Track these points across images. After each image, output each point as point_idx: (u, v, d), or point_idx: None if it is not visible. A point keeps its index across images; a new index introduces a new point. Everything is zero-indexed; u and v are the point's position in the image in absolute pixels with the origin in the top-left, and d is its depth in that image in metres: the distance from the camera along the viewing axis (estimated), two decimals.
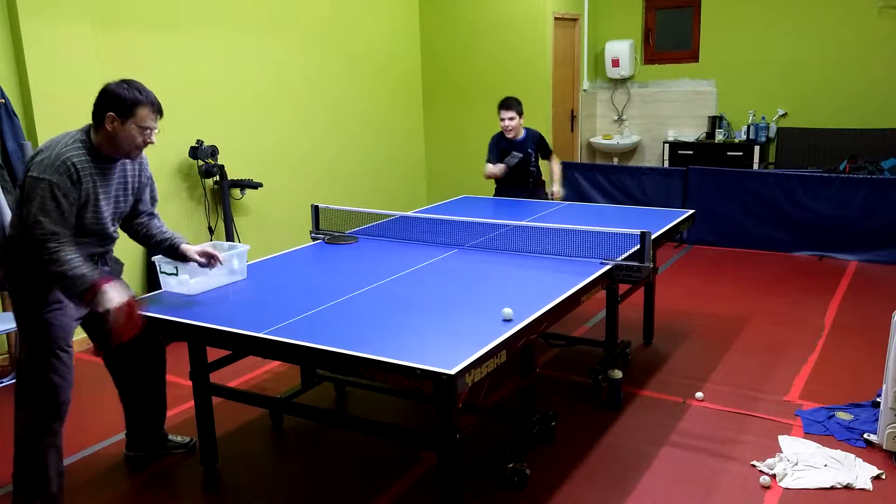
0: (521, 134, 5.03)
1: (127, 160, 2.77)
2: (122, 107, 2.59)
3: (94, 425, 3.65)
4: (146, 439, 3.26)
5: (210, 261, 2.96)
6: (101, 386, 4.14)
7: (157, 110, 2.67)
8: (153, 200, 3.03)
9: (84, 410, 3.83)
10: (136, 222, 2.98)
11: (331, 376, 3.76)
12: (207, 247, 3.03)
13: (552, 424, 3.31)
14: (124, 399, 3.20)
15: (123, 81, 2.64)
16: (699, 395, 3.72)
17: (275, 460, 3.30)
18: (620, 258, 3.30)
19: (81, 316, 2.83)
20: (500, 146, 5.08)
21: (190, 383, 3.16)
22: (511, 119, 4.94)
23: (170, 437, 3.33)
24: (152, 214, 3.02)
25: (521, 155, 4.95)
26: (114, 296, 2.56)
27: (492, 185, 5.07)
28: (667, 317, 4.81)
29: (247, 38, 5.58)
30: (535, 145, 5.10)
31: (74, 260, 2.57)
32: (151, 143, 2.68)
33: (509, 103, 4.97)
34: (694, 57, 7.76)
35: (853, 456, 3.08)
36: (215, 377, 3.20)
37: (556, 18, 7.15)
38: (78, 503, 2.98)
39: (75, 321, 2.82)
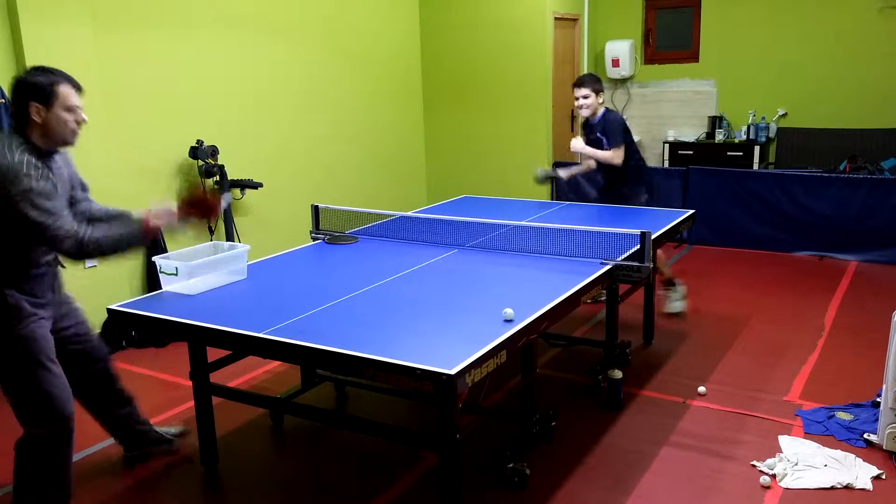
0: (599, 113, 4.57)
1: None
2: (41, 93, 2.49)
3: (94, 425, 3.64)
4: (128, 438, 3.20)
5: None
6: None
7: (77, 86, 2.58)
8: (84, 185, 2.90)
9: (84, 410, 3.82)
10: (78, 210, 2.82)
11: (331, 376, 3.76)
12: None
13: (552, 424, 3.30)
14: (87, 406, 3.10)
15: (33, 69, 2.55)
16: (702, 389, 3.72)
17: (275, 460, 3.30)
18: (620, 258, 3.30)
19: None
20: (583, 126, 4.73)
21: (190, 383, 3.16)
22: (585, 97, 4.49)
23: (157, 429, 3.28)
24: (88, 199, 2.90)
25: (545, 171, 4.82)
26: (162, 214, 2.67)
27: (490, 183, 5.02)
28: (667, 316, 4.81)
29: (247, 38, 5.58)
30: (604, 132, 4.53)
31: (107, 227, 2.56)
32: (84, 120, 2.61)
33: (582, 80, 4.52)
34: (694, 57, 7.76)
35: (853, 456, 3.08)
36: (215, 377, 3.20)
37: (556, 18, 7.15)
38: (78, 503, 2.98)
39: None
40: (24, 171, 2.41)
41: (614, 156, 4.56)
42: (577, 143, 4.70)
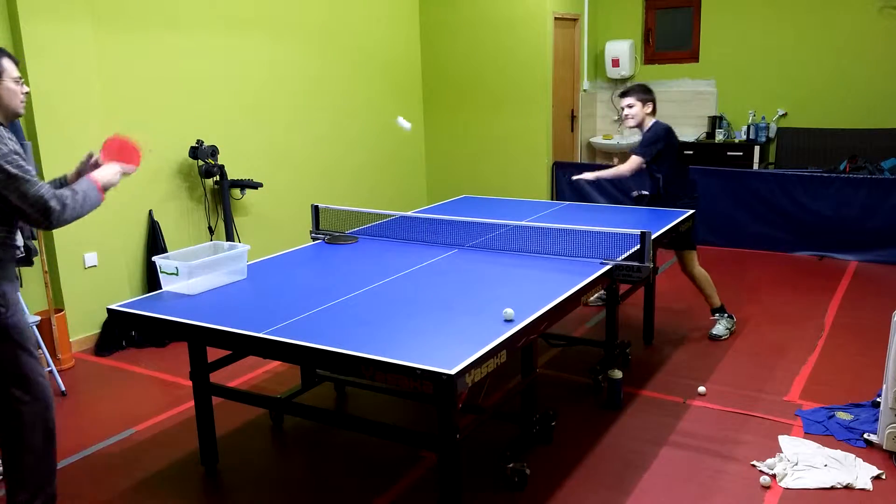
0: (648, 125, 4.39)
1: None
2: None
3: (94, 425, 3.65)
4: None
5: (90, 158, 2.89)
6: (101, 386, 4.15)
7: (15, 60, 2.65)
8: None
9: (84, 410, 3.83)
10: None
11: (331, 376, 3.76)
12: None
13: (552, 424, 3.31)
14: None
15: None
16: (702, 389, 3.73)
17: (275, 460, 3.30)
18: (620, 258, 3.30)
19: None
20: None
21: (190, 383, 3.16)
22: (629, 107, 4.36)
23: None
24: None
25: (637, 192, 4.58)
26: (107, 174, 2.77)
27: (490, 183, 4.98)
28: (667, 317, 4.81)
29: (247, 38, 5.59)
30: (640, 140, 4.38)
31: (72, 190, 2.57)
32: (27, 91, 2.68)
33: (627, 90, 4.41)
34: (694, 57, 7.75)
35: (853, 456, 3.08)
36: (215, 377, 3.20)
37: (556, 18, 7.15)
38: (78, 503, 2.98)
39: None
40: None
41: (623, 165, 4.44)
42: (587, 174, 4.60)
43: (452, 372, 2.16)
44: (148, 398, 3.96)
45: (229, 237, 5.33)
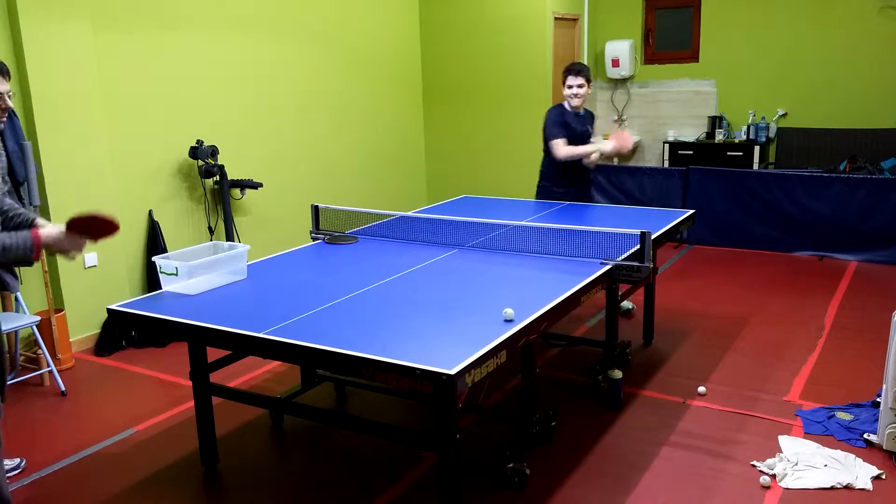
0: (584, 106, 4.56)
1: None
2: None
3: (94, 425, 3.65)
4: None
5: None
6: (101, 386, 4.15)
7: (6, 72, 2.56)
8: (4, 177, 2.83)
9: (84, 410, 3.83)
10: None
11: (331, 376, 3.76)
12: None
13: (552, 424, 3.31)
14: None
15: None
16: (702, 389, 3.73)
17: (275, 460, 3.30)
18: (620, 258, 3.30)
19: None
20: (566, 120, 4.53)
21: (190, 383, 3.16)
22: (580, 87, 4.46)
23: None
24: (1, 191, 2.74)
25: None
26: (53, 233, 2.36)
27: (490, 183, 4.99)
28: (667, 317, 4.82)
29: (247, 38, 5.59)
30: (593, 125, 4.61)
31: (8, 236, 2.33)
32: (10, 106, 2.60)
33: (579, 68, 4.45)
34: (694, 57, 7.76)
35: (853, 456, 3.08)
36: (215, 377, 3.20)
37: (556, 18, 7.16)
38: (78, 503, 2.98)
39: None
40: None
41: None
42: (585, 150, 4.55)
43: (452, 372, 2.16)
44: (148, 398, 3.96)
45: (229, 237, 5.33)
